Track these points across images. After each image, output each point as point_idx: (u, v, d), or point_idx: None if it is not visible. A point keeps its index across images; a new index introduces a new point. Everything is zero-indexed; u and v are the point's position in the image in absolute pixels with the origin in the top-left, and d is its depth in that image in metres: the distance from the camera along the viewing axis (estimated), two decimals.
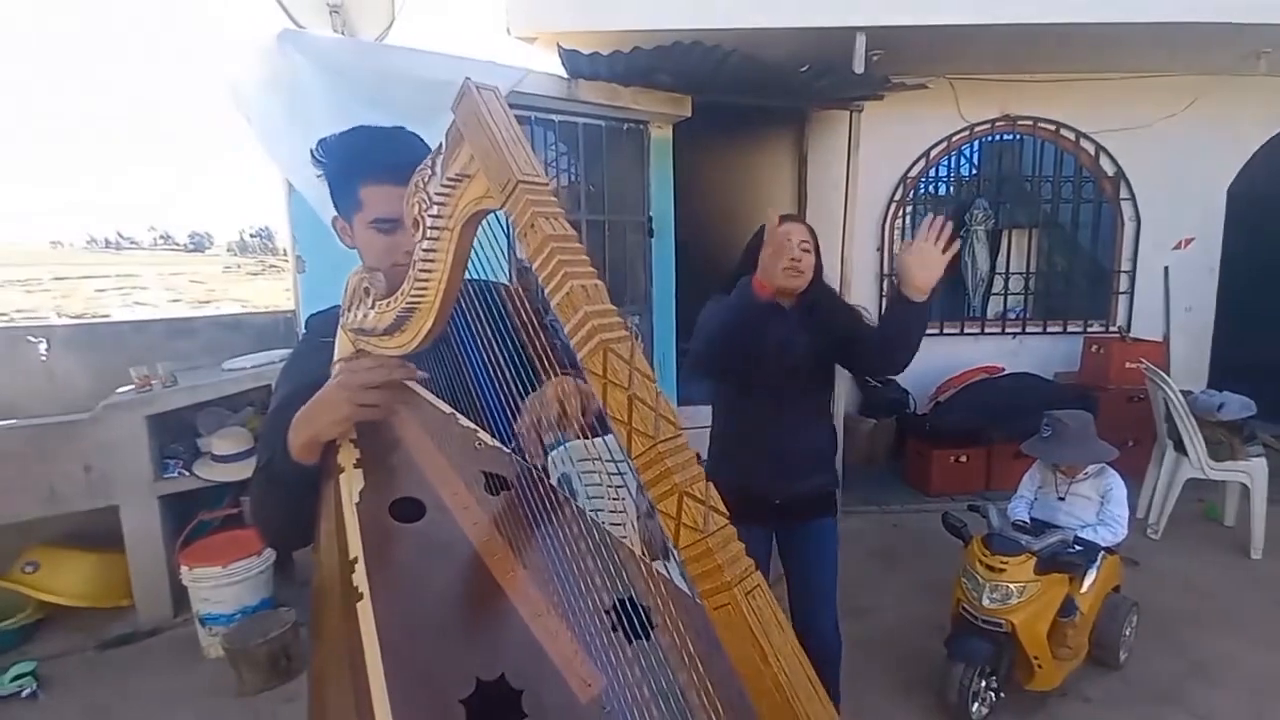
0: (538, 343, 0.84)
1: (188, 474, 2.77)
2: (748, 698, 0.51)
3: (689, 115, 3.41)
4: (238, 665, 2.32)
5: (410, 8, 3.26)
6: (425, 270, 0.77)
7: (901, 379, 4.37)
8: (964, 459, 4.03)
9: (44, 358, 2.95)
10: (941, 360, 4.45)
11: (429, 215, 0.76)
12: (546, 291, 0.60)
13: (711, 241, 4.21)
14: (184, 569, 2.51)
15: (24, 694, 2.29)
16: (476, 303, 0.86)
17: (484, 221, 0.74)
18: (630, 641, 0.70)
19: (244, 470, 2.83)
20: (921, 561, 3.19)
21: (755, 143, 4.41)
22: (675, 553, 0.55)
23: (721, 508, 0.55)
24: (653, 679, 0.64)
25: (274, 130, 2.33)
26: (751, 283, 1.49)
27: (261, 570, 2.61)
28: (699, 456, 0.56)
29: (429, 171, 0.76)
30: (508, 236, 1.89)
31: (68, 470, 2.54)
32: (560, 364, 0.88)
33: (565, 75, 3.07)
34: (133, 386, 2.74)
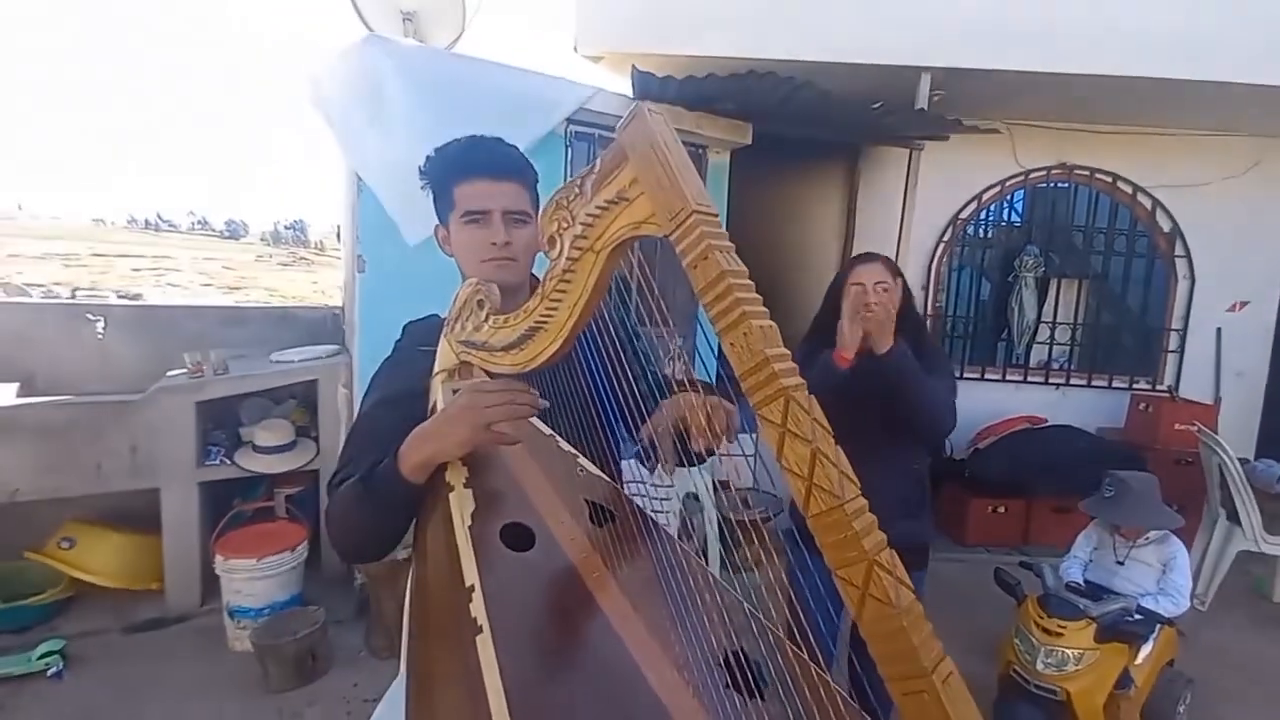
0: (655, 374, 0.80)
1: (229, 463, 2.78)
2: None
3: (749, 142, 3.40)
4: (265, 661, 2.29)
5: (480, 19, 3.31)
6: (560, 290, 0.75)
7: None
8: (1002, 510, 3.92)
9: (100, 335, 2.99)
10: (982, 406, 4.35)
11: (570, 234, 0.73)
12: (718, 329, 0.58)
13: (759, 269, 4.18)
14: (218, 558, 2.50)
15: (50, 672, 2.28)
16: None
17: None
18: (747, 701, 0.66)
19: (284, 463, 2.83)
20: (961, 615, 3.07)
21: (807, 173, 4.39)
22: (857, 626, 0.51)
23: (907, 580, 0.51)
24: None
25: (353, 130, 2.36)
26: (834, 359, 1.45)
27: (294, 566, 2.59)
28: None
29: (575, 190, 0.73)
30: None
31: (115, 449, 2.56)
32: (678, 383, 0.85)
33: (631, 95, 3.08)
34: (184, 371, 2.76)
